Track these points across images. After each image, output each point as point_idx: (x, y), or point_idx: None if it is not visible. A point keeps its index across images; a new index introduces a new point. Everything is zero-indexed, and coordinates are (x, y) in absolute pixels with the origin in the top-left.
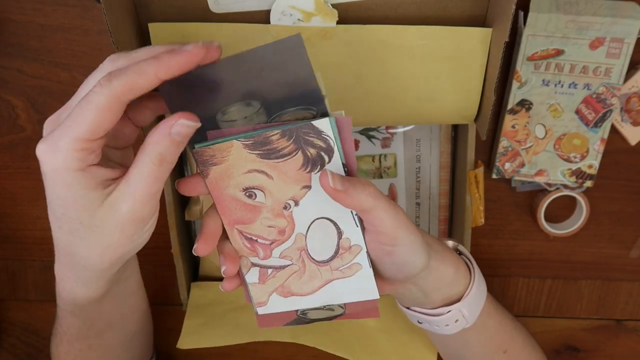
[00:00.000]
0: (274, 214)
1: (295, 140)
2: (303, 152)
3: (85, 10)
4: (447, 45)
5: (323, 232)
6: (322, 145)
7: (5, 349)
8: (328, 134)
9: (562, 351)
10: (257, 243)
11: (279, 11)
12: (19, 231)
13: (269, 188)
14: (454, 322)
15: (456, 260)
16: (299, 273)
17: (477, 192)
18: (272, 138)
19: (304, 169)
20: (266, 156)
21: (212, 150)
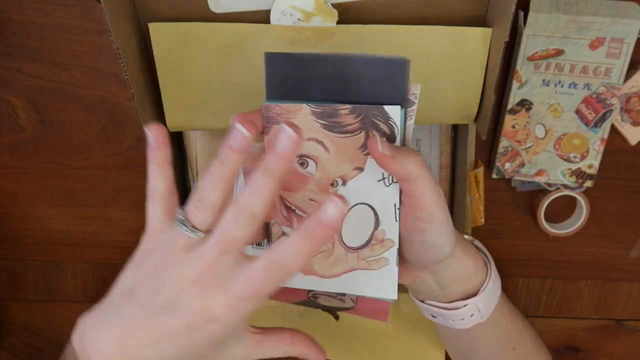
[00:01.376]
0: (319, 188)
1: (362, 119)
2: (366, 132)
3: (85, 10)
4: (447, 45)
5: (361, 218)
6: (386, 131)
7: (5, 349)
8: (395, 122)
9: (562, 351)
10: (295, 214)
11: (279, 11)
12: (19, 231)
13: (322, 160)
14: (469, 317)
15: (475, 253)
16: (326, 254)
17: (477, 192)
18: (340, 111)
19: (362, 150)
20: (329, 128)
21: (280, 109)
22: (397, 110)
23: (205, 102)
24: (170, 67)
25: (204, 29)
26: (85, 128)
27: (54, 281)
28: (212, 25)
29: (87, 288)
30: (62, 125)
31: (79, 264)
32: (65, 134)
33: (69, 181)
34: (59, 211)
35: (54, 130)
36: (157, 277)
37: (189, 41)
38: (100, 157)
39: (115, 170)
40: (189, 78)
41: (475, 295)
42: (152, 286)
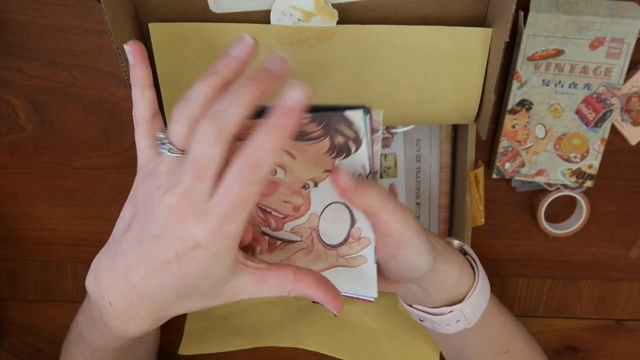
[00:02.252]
0: (292, 191)
1: (325, 126)
2: (331, 138)
3: (85, 10)
4: (447, 45)
5: (337, 217)
6: (351, 136)
7: (5, 349)
8: (359, 126)
9: (562, 351)
10: (271, 215)
11: (279, 11)
12: (19, 231)
13: (290, 167)
14: (455, 322)
15: (460, 262)
16: (305, 251)
17: (477, 192)
18: (302, 121)
19: (329, 154)
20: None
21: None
22: (359, 114)
23: None
24: (170, 67)
25: (204, 29)
26: (85, 128)
27: (54, 281)
28: (212, 25)
29: None
30: (62, 125)
31: (79, 264)
32: (65, 134)
33: (68, 181)
34: (58, 211)
35: (54, 130)
36: (146, 208)
37: (189, 41)
38: (100, 157)
39: (115, 170)
40: (189, 78)
41: (461, 301)
42: (144, 218)
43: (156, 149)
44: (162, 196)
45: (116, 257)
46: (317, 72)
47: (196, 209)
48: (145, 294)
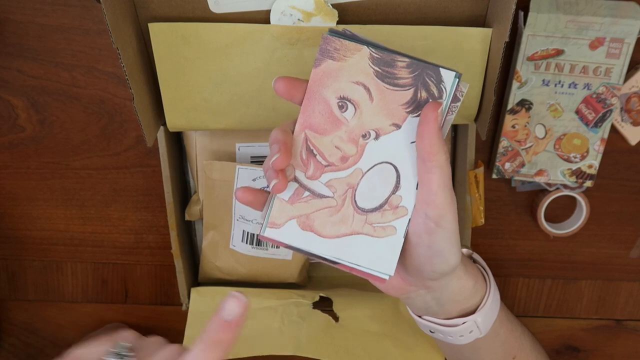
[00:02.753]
0: (349, 136)
1: (416, 76)
2: (416, 90)
3: (85, 10)
4: (447, 45)
5: (381, 179)
6: (435, 94)
7: (5, 349)
8: (446, 86)
9: (562, 351)
10: (314, 159)
11: (279, 11)
12: (19, 231)
13: (363, 107)
14: (469, 333)
15: (475, 271)
16: (332, 210)
17: (477, 192)
18: (397, 63)
19: (406, 107)
20: (381, 77)
21: (340, 44)
22: (452, 75)
23: (205, 102)
24: (170, 67)
25: (204, 29)
26: (85, 128)
27: (54, 281)
28: (212, 25)
29: (87, 288)
30: (62, 125)
31: (79, 264)
32: (65, 134)
33: (68, 181)
34: (58, 211)
35: (54, 130)
36: None
37: (189, 41)
38: (100, 157)
39: (115, 170)
40: (189, 78)
41: (474, 312)
42: None
43: None
44: None
45: None
46: None
47: None
48: None
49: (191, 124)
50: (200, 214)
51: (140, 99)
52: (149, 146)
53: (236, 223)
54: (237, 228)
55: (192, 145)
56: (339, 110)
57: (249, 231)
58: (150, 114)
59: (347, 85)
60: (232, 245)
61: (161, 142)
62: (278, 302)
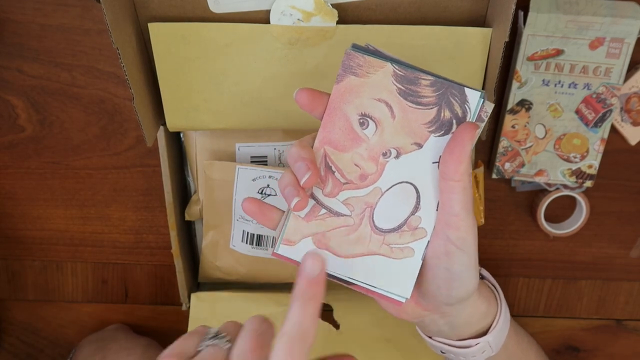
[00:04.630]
0: (370, 154)
1: (440, 95)
2: (439, 109)
3: (85, 10)
4: (447, 45)
5: (401, 199)
6: (459, 114)
7: (5, 349)
8: (471, 107)
9: (562, 351)
10: (332, 175)
11: (279, 11)
12: (19, 231)
13: (384, 125)
14: (481, 353)
15: (487, 292)
16: (349, 229)
17: (477, 192)
18: (421, 80)
19: (428, 127)
20: (404, 95)
21: (363, 60)
22: (477, 95)
23: (205, 102)
24: (170, 67)
25: (204, 29)
26: (85, 128)
27: (54, 281)
28: (212, 25)
29: (87, 288)
30: (62, 125)
31: (79, 264)
32: (65, 134)
33: (68, 181)
34: (58, 211)
35: (54, 130)
36: None
37: (189, 41)
38: (100, 157)
39: (115, 170)
40: (189, 78)
41: (486, 333)
42: None
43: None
44: None
45: None
46: (317, 72)
47: None
48: None
49: (191, 124)
50: (200, 214)
51: (140, 99)
52: (149, 146)
53: (236, 223)
54: (237, 228)
55: (192, 145)
56: (360, 127)
57: (249, 231)
58: (150, 114)
59: (369, 102)
60: (232, 245)
61: (161, 142)
62: (278, 309)
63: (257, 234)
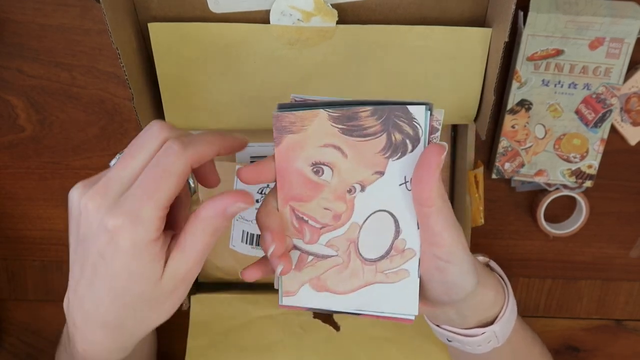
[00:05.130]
0: (335, 195)
1: (384, 121)
2: (388, 135)
3: (85, 10)
4: (447, 45)
5: (380, 227)
6: (410, 133)
7: (5, 349)
8: (419, 122)
9: (562, 351)
10: (307, 224)
11: (279, 11)
12: (19, 231)
13: (339, 167)
14: (487, 343)
15: (495, 281)
16: (340, 267)
17: (477, 192)
18: (361, 114)
19: (383, 153)
20: (349, 132)
21: (294, 117)
22: (422, 110)
23: (205, 102)
24: (170, 67)
25: (204, 29)
26: (85, 128)
27: (54, 281)
28: (212, 25)
29: None
30: (61, 125)
31: None
32: (65, 134)
33: (68, 181)
34: (59, 211)
35: (54, 130)
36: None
37: (188, 41)
38: (100, 157)
39: None
40: (189, 78)
41: (493, 322)
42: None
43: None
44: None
45: (71, 273)
46: (316, 72)
47: (109, 199)
48: (91, 309)
49: (191, 124)
50: None
51: (140, 99)
52: None
53: (236, 223)
54: (236, 228)
55: None
56: (316, 175)
57: (249, 231)
58: (150, 114)
59: (316, 150)
60: (231, 245)
61: None
62: (278, 311)
63: (257, 234)
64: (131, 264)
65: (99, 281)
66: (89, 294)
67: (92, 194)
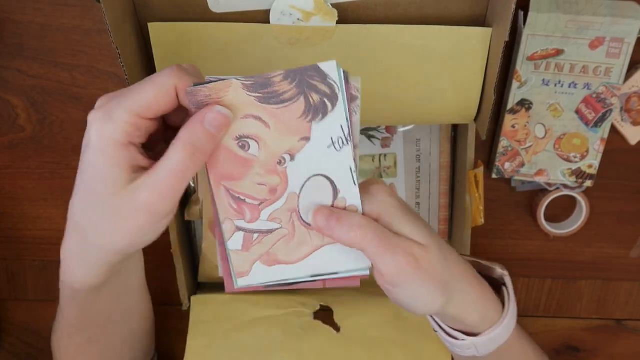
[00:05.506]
0: (266, 169)
1: (298, 83)
2: (305, 97)
3: (85, 10)
4: (447, 45)
5: (317, 191)
6: (327, 91)
7: (5, 349)
8: (334, 79)
9: (562, 351)
10: (245, 203)
11: (279, 11)
12: (19, 231)
13: (264, 138)
14: (466, 350)
15: (485, 305)
16: (287, 238)
17: (477, 192)
18: (274, 79)
19: (305, 117)
20: (265, 100)
21: (207, 90)
22: (334, 65)
23: None
24: None
25: (204, 29)
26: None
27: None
28: (212, 25)
29: None
30: (62, 125)
31: None
32: (65, 134)
33: (69, 181)
34: (59, 211)
35: (54, 130)
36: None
37: (189, 41)
38: None
39: None
40: None
41: (477, 335)
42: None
43: None
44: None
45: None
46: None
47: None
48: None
49: None
50: (200, 214)
51: None
52: None
53: None
54: None
55: None
56: (242, 150)
57: None
58: None
59: (238, 123)
60: None
61: None
62: (278, 312)
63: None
64: (96, 160)
65: (78, 176)
66: (74, 191)
67: (101, 98)
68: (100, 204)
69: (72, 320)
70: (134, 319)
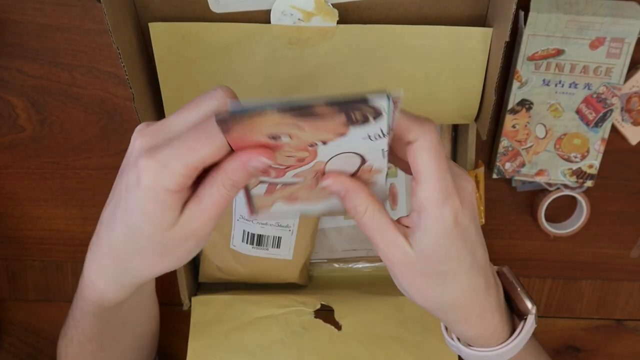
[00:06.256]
0: (297, 148)
1: (341, 108)
2: (347, 115)
3: (85, 10)
4: (447, 45)
5: (345, 162)
6: (372, 112)
7: (5, 349)
8: (383, 108)
9: (562, 351)
10: (272, 168)
11: (279, 11)
12: (19, 231)
13: (297, 135)
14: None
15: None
16: (309, 186)
17: (478, 192)
18: (315, 110)
19: (345, 125)
20: (302, 118)
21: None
22: (384, 98)
23: None
24: (170, 67)
25: (204, 29)
26: (85, 128)
27: (54, 281)
28: (212, 25)
29: None
30: (62, 125)
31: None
32: (65, 134)
33: (68, 181)
34: (59, 211)
35: (54, 130)
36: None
37: (189, 41)
38: (100, 157)
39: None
40: (189, 78)
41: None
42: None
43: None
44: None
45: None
46: (317, 72)
47: (152, 142)
48: (104, 235)
49: None
50: None
51: (140, 99)
52: None
53: (236, 223)
54: (237, 228)
55: None
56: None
57: (250, 231)
58: (150, 114)
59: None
60: (232, 245)
61: None
62: (279, 311)
63: (257, 233)
64: (146, 205)
65: (118, 211)
66: (108, 220)
67: (145, 133)
68: (148, 241)
69: (87, 330)
70: (144, 323)
